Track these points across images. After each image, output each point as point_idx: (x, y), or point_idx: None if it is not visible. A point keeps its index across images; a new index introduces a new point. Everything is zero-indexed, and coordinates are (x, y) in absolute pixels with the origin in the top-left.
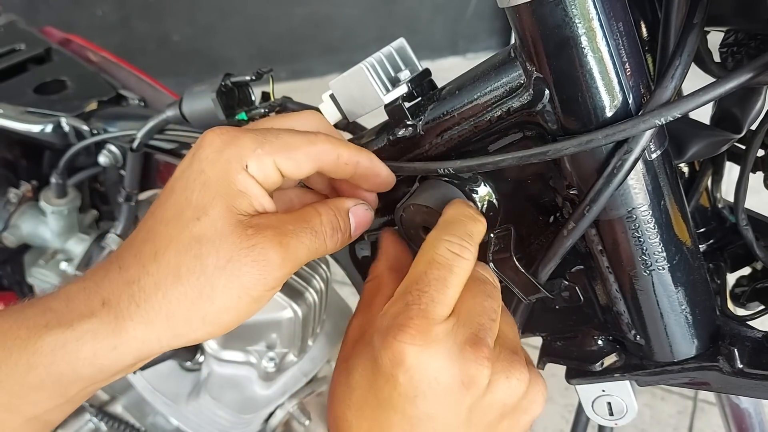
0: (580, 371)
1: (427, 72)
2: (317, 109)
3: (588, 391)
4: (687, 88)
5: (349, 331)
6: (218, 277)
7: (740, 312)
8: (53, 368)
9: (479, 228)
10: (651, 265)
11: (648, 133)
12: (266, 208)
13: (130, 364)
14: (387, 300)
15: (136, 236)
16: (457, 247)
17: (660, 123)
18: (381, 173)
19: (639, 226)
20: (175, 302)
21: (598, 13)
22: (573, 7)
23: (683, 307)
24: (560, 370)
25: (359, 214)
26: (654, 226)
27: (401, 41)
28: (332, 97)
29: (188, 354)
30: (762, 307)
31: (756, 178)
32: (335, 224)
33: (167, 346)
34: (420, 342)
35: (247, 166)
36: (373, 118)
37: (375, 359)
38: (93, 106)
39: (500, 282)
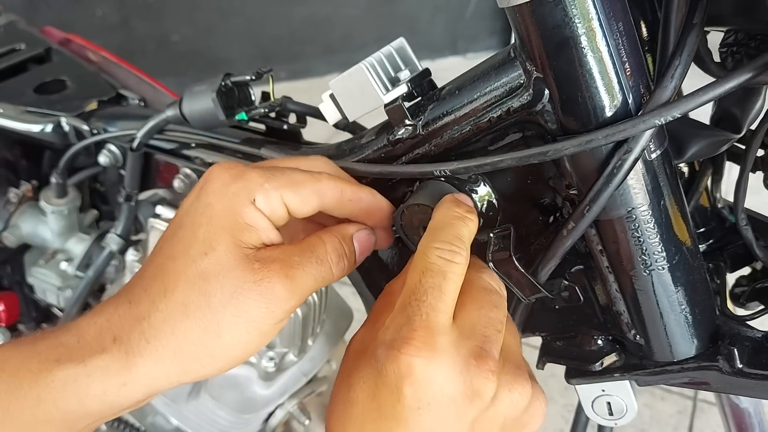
0: (579, 371)
1: (427, 72)
2: (318, 110)
3: (588, 391)
4: (687, 88)
5: (351, 346)
6: (224, 313)
7: (740, 312)
8: (62, 404)
9: (470, 227)
10: (651, 265)
11: (648, 133)
12: (273, 241)
13: (139, 400)
14: None
15: (145, 270)
16: (447, 253)
17: (660, 123)
18: (383, 207)
19: (639, 226)
20: (183, 338)
21: (597, 13)
22: (573, 6)
23: (683, 306)
24: (560, 370)
25: (363, 239)
26: (654, 226)
27: (401, 41)
28: (332, 96)
29: None
30: (762, 307)
31: (756, 178)
32: (340, 251)
33: (176, 381)
34: (425, 354)
35: (255, 200)
36: (373, 118)
37: (379, 372)
38: (93, 105)
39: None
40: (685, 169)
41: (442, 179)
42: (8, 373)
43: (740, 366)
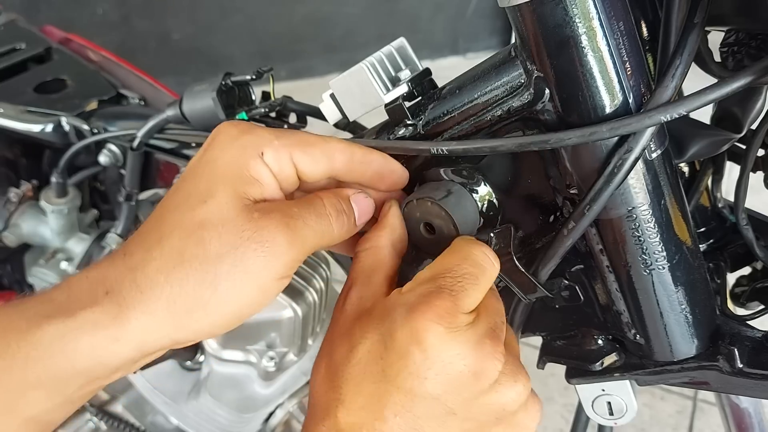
0: (580, 371)
1: (427, 71)
2: (318, 109)
3: (588, 391)
4: (687, 88)
5: (347, 304)
6: (221, 263)
7: (740, 312)
8: (51, 362)
9: (496, 268)
10: (651, 265)
11: (649, 132)
12: (275, 198)
13: (131, 359)
14: (390, 278)
15: (144, 226)
16: (491, 254)
17: (665, 120)
18: (395, 170)
19: (639, 226)
20: (177, 288)
21: (598, 13)
22: (573, 6)
23: (683, 306)
24: (560, 369)
25: (361, 202)
26: (654, 225)
27: (401, 40)
28: (332, 96)
29: (188, 353)
30: (762, 306)
31: (756, 178)
32: (339, 207)
33: (168, 339)
34: (445, 323)
35: (263, 154)
36: (373, 118)
37: (391, 333)
38: (93, 105)
39: (500, 281)
40: (686, 169)
41: (450, 177)
42: None
43: (740, 366)
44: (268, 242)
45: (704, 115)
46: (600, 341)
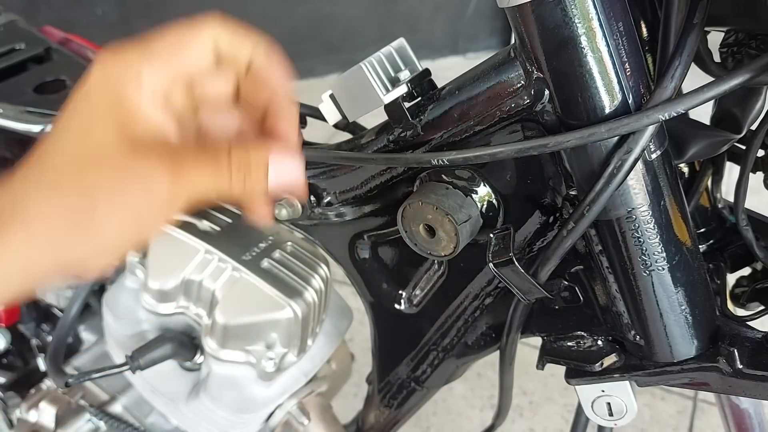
0: (579, 371)
1: (427, 72)
2: (318, 110)
3: (588, 392)
4: (686, 88)
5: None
6: (98, 192)
7: (740, 312)
8: None
9: None
10: (651, 266)
11: (648, 132)
12: (165, 133)
13: (18, 286)
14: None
15: (29, 158)
16: None
17: (663, 118)
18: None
19: (639, 227)
20: (54, 210)
21: (597, 13)
22: (573, 7)
23: (683, 307)
24: (560, 370)
25: (282, 164)
26: (654, 226)
27: (401, 41)
28: (332, 96)
29: (188, 354)
30: (762, 307)
31: (756, 179)
32: (246, 163)
33: (51, 264)
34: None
35: (140, 75)
36: (373, 118)
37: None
38: None
39: (500, 282)
40: (686, 170)
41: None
42: None
43: (740, 367)
44: (148, 178)
45: (704, 115)
46: (600, 342)
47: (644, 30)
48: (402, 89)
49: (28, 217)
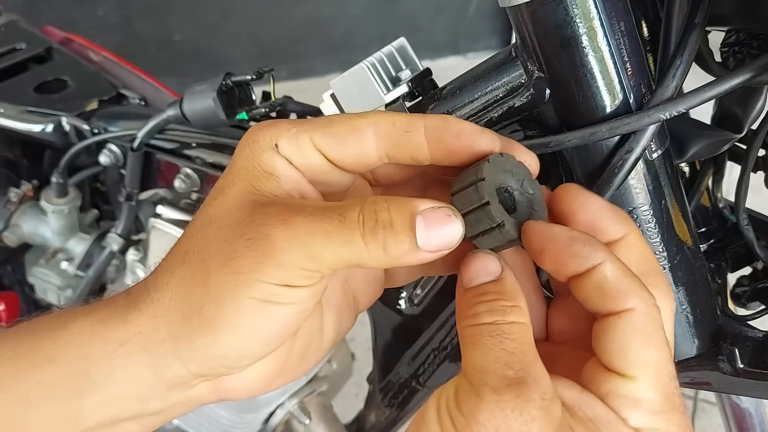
0: None
1: (427, 71)
2: (319, 109)
3: None
4: (687, 88)
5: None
6: (213, 260)
7: (741, 312)
8: (67, 366)
9: None
10: None
11: (650, 131)
12: (303, 194)
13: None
14: None
15: None
16: None
17: (664, 117)
18: (464, 128)
19: (640, 226)
20: (176, 288)
21: (599, 13)
22: (574, 6)
23: (684, 306)
24: None
25: (435, 219)
26: (655, 225)
27: (402, 40)
28: (333, 96)
29: None
30: (763, 306)
31: (757, 178)
32: (382, 219)
33: (171, 349)
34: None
35: (277, 145)
36: None
37: None
38: (94, 105)
39: None
40: (686, 169)
41: None
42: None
43: (741, 366)
44: (258, 239)
45: (705, 115)
46: None
47: (645, 30)
48: (403, 89)
49: (155, 299)
